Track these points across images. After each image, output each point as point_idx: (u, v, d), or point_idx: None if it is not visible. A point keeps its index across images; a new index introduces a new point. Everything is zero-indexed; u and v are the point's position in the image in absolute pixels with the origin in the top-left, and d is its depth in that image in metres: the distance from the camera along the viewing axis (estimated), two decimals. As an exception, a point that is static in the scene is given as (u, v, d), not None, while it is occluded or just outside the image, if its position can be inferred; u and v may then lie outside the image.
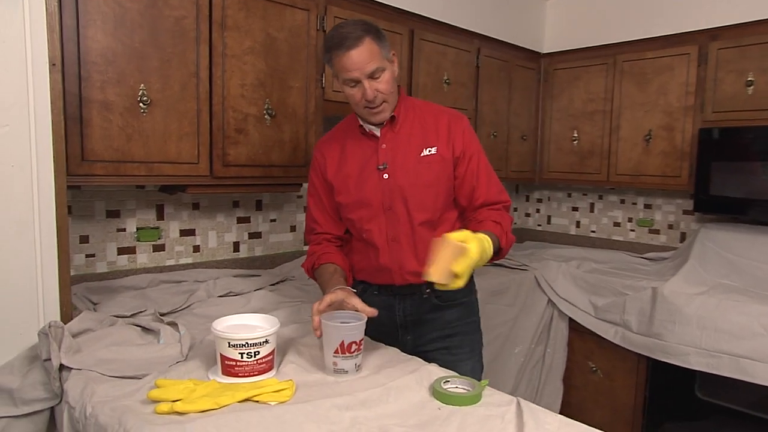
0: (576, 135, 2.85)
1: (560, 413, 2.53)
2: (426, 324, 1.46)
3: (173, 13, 1.58)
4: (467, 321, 1.49)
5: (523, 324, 2.46)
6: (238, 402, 1.01)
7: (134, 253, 1.86)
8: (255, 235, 2.20)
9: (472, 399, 1.06)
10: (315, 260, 1.42)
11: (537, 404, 1.13)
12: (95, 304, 1.60)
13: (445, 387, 1.10)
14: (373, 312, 1.19)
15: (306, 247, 2.34)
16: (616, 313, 2.32)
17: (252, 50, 1.75)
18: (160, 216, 1.92)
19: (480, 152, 1.41)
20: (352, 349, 1.16)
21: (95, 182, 1.49)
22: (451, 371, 1.21)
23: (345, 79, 1.28)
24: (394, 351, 1.33)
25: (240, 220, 2.15)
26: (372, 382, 1.12)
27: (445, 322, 1.45)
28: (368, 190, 1.39)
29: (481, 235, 1.17)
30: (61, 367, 1.16)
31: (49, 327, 1.19)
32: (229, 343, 1.11)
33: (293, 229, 2.33)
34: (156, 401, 1.00)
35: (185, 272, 1.92)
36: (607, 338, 2.34)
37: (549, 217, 3.35)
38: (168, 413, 0.96)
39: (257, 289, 1.88)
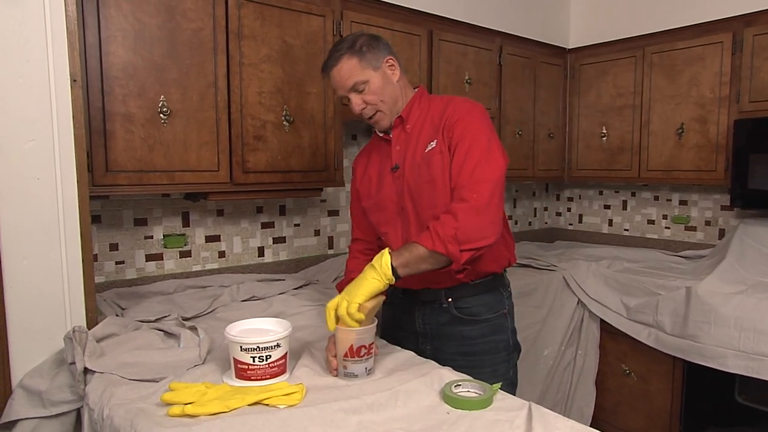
0: (605, 131, 2.77)
1: (593, 417, 2.47)
2: (445, 337, 1.43)
3: (191, 26, 1.62)
4: (490, 339, 1.42)
5: (553, 326, 2.41)
6: (248, 405, 1.03)
7: (161, 259, 1.92)
8: (279, 240, 2.23)
9: (483, 403, 1.05)
10: (344, 284, 1.44)
11: (569, 409, 1.12)
12: (123, 309, 1.66)
13: (455, 391, 1.09)
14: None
15: (330, 251, 2.37)
16: (648, 313, 2.24)
17: (269, 58, 1.79)
18: (186, 223, 1.98)
19: (475, 140, 1.26)
20: (362, 353, 1.16)
21: (119, 192, 1.55)
22: (463, 375, 1.20)
23: (339, 96, 1.44)
24: (408, 354, 1.32)
25: (264, 226, 2.19)
26: (382, 386, 1.12)
27: (465, 337, 1.41)
28: (384, 193, 1.40)
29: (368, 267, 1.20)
30: (86, 370, 1.20)
31: (74, 332, 1.24)
32: (241, 346, 1.13)
33: (317, 233, 2.35)
34: (169, 404, 1.03)
35: (211, 277, 1.97)
36: (640, 340, 2.26)
37: (580, 216, 3.26)
38: (179, 416, 0.99)
39: (280, 294, 1.91)
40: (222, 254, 2.07)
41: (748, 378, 1.90)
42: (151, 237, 1.90)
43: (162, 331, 1.46)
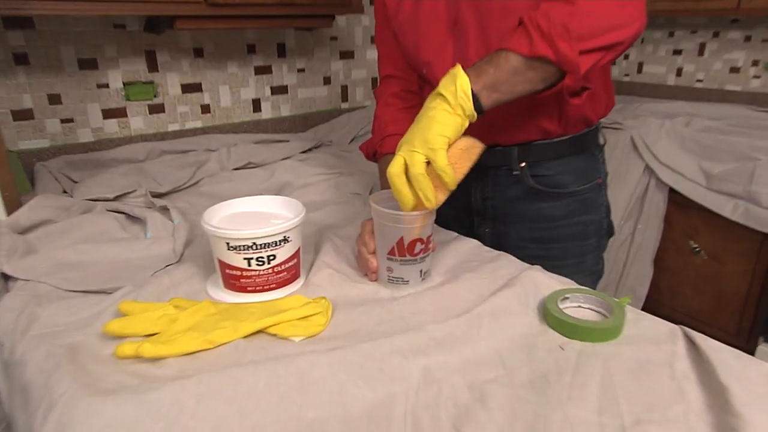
0: (698, -55, 2.11)
1: (647, 298, 2.17)
2: (514, 217, 1.02)
3: None
4: (578, 220, 1.00)
5: (613, 195, 1.98)
6: (243, 338, 0.65)
7: (125, 116, 1.46)
8: (279, 90, 1.74)
9: (613, 331, 0.66)
10: (377, 144, 0.99)
11: (620, 289, 0.79)
12: (76, 183, 1.24)
13: (564, 308, 0.71)
14: None
15: (345, 104, 1.89)
16: (738, 182, 1.81)
17: None
18: (153, 66, 1.48)
19: None
20: (416, 250, 0.76)
21: (40, 11, 1.04)
22: (563, 278, 0.81)
23: None
24: (472, 244, 0.92)
25: (259, 71, 1.68)
26: (447, 301, 0.74)
27: (543, 218, 1.00)
28: (426, 1, 0.90)
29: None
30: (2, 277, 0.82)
31: (-23, 220, 0.83)
32: (228, 243, 0.72)
33: (327, 81, 1.85)
34: (117, 337, 0.65)
35: (194, 139, 1.52)
36: (721, 214, 1.86)
37: (640, 65, 2.70)
38: (132, 357, 0.61)
39: (283, 159, 1.48)
40: (206, 109, 1.60)
41: None
42: (107, 86, 1.41)
43: (123, 214, 1.05)
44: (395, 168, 0.68)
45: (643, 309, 2.17)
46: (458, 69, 0.70)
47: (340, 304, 0.74)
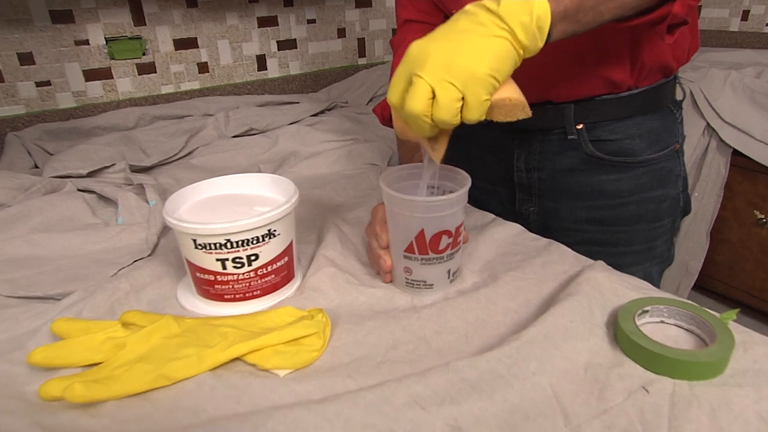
0: None
1: (701, 273, 1.95)
2: (567, 192, 0.82)
3: None
4: (651, 196, 0.80)
5: (667, 160, 1.77)
6: (211, 370, 0.49)
7: (110, 77, 1.29)
8: (287, 45, 1.54)
9: (718, 365, 0.47)
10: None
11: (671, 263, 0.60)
12: (51, 155, 1.09)
13: (641, 323, 0.52)
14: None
15: (362, 60, 1.68)
16: (819, 143, 1.56)
17: None
18: (139, 19, 1.29)
19: None
20: (442, 246, 0.58)
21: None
22: (638, 279, 0.61)
23: None
24: (515, 230, 0.74)
25: (262, 23, 1.48)
26: (484, 313, 0.56)
27: (604, 194, 0.79)
28: None
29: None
30: (-66, 275, 0.67)
31: None
32: (195, 241, 0.55)
33: (342, 33, 1.64)
34: (43, 367, 0.49)
35: (190, 103, 1.35)
36: (796, 179, 1.62)
37: (699, 8, 2.38)
38: (60, 399, 0.46)
39: (291, 124, 1.29)
40: (203, 68, 1.42)
41: None
42: (86, 42, 1.24)
43: (94, 193, 0.89)
44: (419, 104, 0.45)
45: (696, 285, 1.97)
46: None
47: (343, 317, 0.57)
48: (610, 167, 0.79)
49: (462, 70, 0.44)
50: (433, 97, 0.45)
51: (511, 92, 0.48)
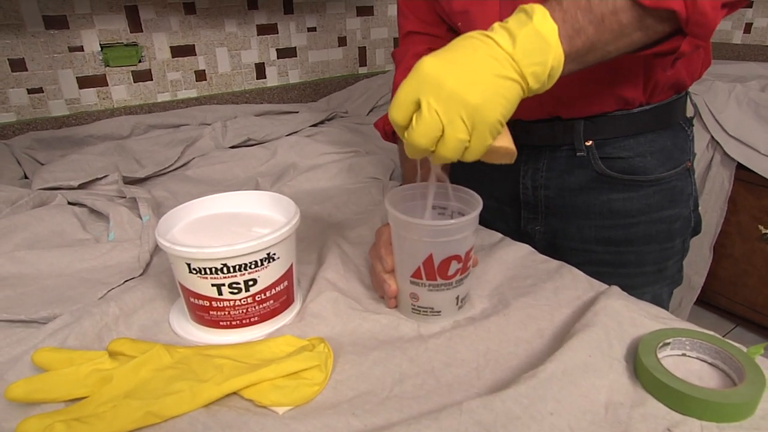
0: None
1: (703, 289, 1.92)
2: (574, 211, 0.79)
3: None
4: (662, 216, 0.77)
5: (670, 173, 1.74)
6: (204, 407, 0.45)
7: (105, 84, 1.25)
8: (286, 53, 1.52)
9: (748, 407, 0.44)
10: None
11: (681, 284, 0.58)
12: (43, 165, 1.05)
13: (662, 356, 0.50)
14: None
15: (363, 69, 1.65)
16: (825, 158, 1.54)
17: None
18: (135, 25, 1.26)
19: None
20: (451, 272, 0.55)
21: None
22: (656, 309, 0.58)
23: None
24: (524, 252, 0.71)
25: (262, 30, 1.46)
26: (495, 344, 0.53)
27: (614, 213, 0.77)
28: None
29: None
30: None
31: None
32: (189, 265, 0.52)
33: (342, 42, 1.61)
34: (27, 404, 0.46)
35: (187, 111, 1.31)
36: (802, 195, 1.59)
37: (700, 20, 2.37)
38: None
39: (289, 134, 1.26)
40: (201, 76, 1.39)
41: None
42: (80, 48, 1.20)
43: (85, 207, 0.86)
44: (426, 139, 0.44)
45: (699, 300, 1.95)
46: (552, 29, 0.45)
47: (346, 346, 0.54)
48: (620, 185, 0.76)
49: (476, 112, 0.43)
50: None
51: (508, 142, 0.47)
